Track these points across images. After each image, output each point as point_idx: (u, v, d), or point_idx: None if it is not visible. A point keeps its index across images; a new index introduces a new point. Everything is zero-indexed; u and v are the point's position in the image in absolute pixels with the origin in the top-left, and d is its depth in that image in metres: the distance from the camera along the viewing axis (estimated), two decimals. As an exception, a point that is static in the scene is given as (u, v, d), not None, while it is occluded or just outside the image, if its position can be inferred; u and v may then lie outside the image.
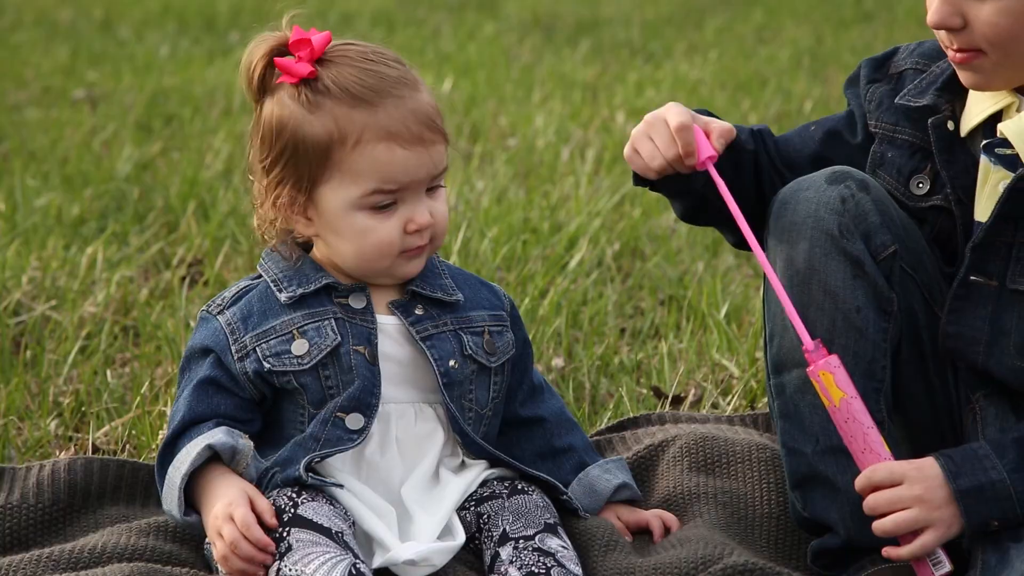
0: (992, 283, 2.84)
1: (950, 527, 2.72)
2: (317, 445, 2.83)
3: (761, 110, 7.42)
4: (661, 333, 4.31)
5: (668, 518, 3.02)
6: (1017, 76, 2.82)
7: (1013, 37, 2.75)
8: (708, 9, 11.78)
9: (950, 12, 2.78)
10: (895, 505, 2.71)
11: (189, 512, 2.82)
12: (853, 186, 2.86)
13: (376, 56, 2.87)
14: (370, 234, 2.86)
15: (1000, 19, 2.74)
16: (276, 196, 2.89)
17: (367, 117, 2.82)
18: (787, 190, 2.91)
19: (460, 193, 5.62)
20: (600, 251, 4.93)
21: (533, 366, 3.12)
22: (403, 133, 2.82)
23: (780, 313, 2.86)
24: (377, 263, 2.88)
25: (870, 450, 2.73)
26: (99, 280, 4.59)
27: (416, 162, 2.83)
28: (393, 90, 2.83)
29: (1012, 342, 2.84)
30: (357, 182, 2.83)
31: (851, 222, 2.84)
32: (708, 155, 2.87)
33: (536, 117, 7.14)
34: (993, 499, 2.71)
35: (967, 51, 2.80)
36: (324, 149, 2.83)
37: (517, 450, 3.05)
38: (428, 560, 2.78)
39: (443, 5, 11.92)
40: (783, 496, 3.03)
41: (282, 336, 2.87)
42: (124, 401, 3.76)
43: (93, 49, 9.37)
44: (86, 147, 6.43)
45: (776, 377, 2.89)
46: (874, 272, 2.84)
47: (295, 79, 2.85)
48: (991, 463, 2.72)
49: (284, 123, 2.86)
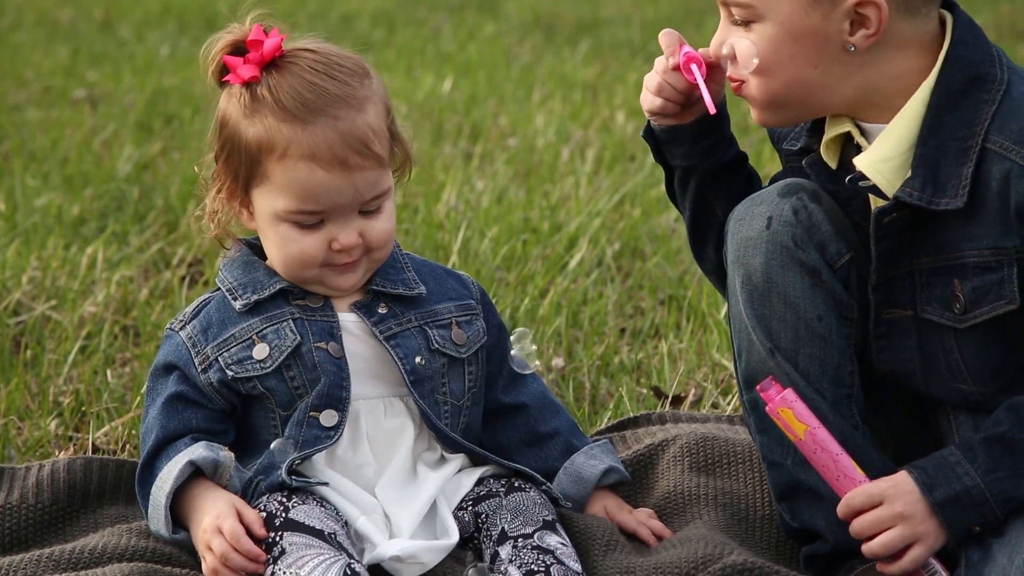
0: (907, 312, 2.83)
1: (937, 538, 2.72)
2: (295, 447, 2.83)
3: (760, 110, 7.40)
4: (661, 333, 4.31)
5: (655, 525, 3.01)
6: (788, 115, 2.85)
7: (763, 71, 2.77)
8: (708, 9, 11.77)
9: (719, 42, 2.83)
10: (879, 526, 2.71)
11: (177, 530, 2.83)
12: (805, 197, 2.87)
13: (327, 68, 2.85)
14: (291, 245, 2.86)
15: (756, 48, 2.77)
16: (220, 186, 2.90)
17: (294, 133, 2.81)
18: (741, 206, 2.92)
19: (460, 193, 5.62)
20: (600, 251, 4.93)
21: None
22: (325, 155, 2.80)
23: (744, 328, 2.87)
24: (300, 272, 2.88)
25: (844, 476, 2.74)
26: (99, 280, 4.59)
27: (337, 186, 2.81)
28: (329, 109, 2.81)
29: (942, 366, 2.84)
30: (281, 195, 2.83)
31: (805, 233, 2.84)
32: (687, 52, 2.89)
33: (536, 117, 7.14)
34: (971, 506, 2.70)
35: (737, 82, 2.82)
36: (255, 155, 2.83)
37: (502, 438, 3.06)
38: (415, 557, 2.78)
39: (443, 5, 11.92)
40: (784, 497, 3.03)
41: (242, 343, 2.88)
42: (124, 401, 3.76)
43: (93, 49, 9.37)
44: (86, 147, 6.43)
45: (748, 392, 2.90)
46: (831, 280, 2.84)
47: (239, 81, 2.85)
48: (963, 469, 2.71)
49: (226, 120, 2.88)
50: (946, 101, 2.74)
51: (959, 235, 2.74)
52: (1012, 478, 2.70)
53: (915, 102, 2.76)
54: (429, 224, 5.15)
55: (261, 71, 2.84)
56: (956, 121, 2.73)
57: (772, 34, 2.75)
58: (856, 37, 2.73)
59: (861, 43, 2.74)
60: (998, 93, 2.73)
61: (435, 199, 5.52)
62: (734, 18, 2.79)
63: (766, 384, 2.75)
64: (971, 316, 2.76)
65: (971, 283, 2.75)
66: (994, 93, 2.73)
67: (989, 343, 2.78)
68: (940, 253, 2.77)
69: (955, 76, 2.75)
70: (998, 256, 2.72)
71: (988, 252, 2.73)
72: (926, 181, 2.72)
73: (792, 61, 2.76)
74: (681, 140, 2.99)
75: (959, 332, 2.78)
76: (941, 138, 2.73)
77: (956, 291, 2.76)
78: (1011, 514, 2.71)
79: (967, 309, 2.76)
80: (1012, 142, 2.70)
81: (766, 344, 2.84)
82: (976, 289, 2.75)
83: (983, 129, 2.71)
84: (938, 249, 2.77)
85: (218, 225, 2.94)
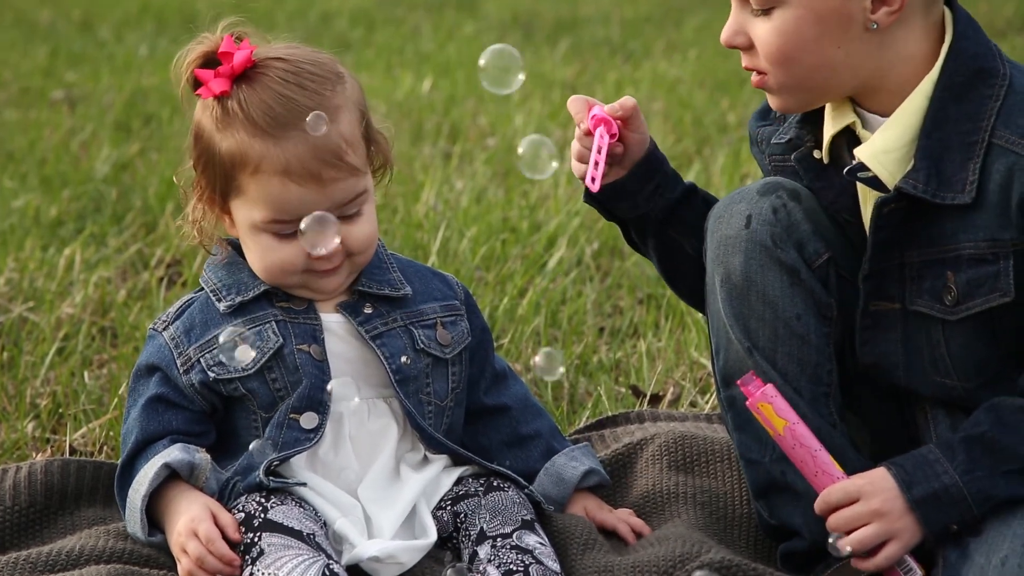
0: (894, 306, 2.84)
1: (912, 535, 2.72)
2: (274, 449, 2.83)
3: (740, 109, 7.44)
4: (640, 332, 4.32)
5: (635, 522, 3.01)
6: (809, 98, 2.83)
7: (787, 56, 2.76)
8: (687, 8, 11.81)
9: (734, 31, 2.79)
10: (855, 522, 2.71)
11: (153, 532, 2.83)
12: (784, 196, 2.87)
13: (298, 78, 2.83)
14: (272, 253, 2.86)
15: (774, 38, 2.75)
16: (200, 195, 2.90)
17: (266, 148, 2.80)
18: (721, 204, 2.92)
19: (440, 193, 5.62)
20: (579, 250, 4.94)
21: (494, 353, 3.12)
22: (298, 170, 2.79)
23: (722, 326, 2.87)
24: (282, 279, 2.88)
25: (823, 472, 2.74)
26: (77, 281, 4.58)
27: (312, 199, 2.80)
28: (300, 122, 2.78)
29: (926, 360, 2.84)
30: (257, 207, 2.83)
31: (784, 232, 2.85)
32: (596, 114, 2.87)
33: (515, 116, 7.15)
34: (949, 504, 2.70)
35: (756, 72, 2.80)
36: (229, 169, 2.83)
37: (484, 439, 3.06)
38: (394, 558, 2.78)
39: (422, 4, 11.93)
40: (762, 495, 3.04)
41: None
42: (102, 403, 3.75)
43: (72, 50, 9.37)
44: (64, 148, 6.42)
45: (726, 390, 2.90)
46: (810, 279, 2.85)
47: (210, 95, 2.85)
48: (942, 467, 2.71)
49: (201, 131, 2.88)
50: (950, 94, 2.75)
51: (956, 227, 2.75)
52: (990, 477, 2.70)
53: (918, 94, 2.77)
54: (408, 224, 5.16)
55: (232, 84, 2.83)
56: (960, 114, 2.74)
57: (796, 17, 2.74)
58: (879, 14, 2.73)
59: (884, 20, 2.74)
60: (1001, 88, 2.74)
61: (414, 199, 5.53)
62: (752, 7, 2.77)
63: (747, 379, 2.75)
64: (963, 308, 2.77)
65: (966, 275, 2.75)
66: (998, 88, 2.75)
67: (977, 336, 2.78)
68: (934, 246, 2.77)
69: (959, 69, 2.76)
70: (995, 248, 2.73)
71: (985, 244, 2.73)
72: (930, 174, 2.73)
73: (817, 44, 2.75)
74: (623, 194, 2.97)
75: (948, 324, 2.79)
76: (945, 131, 2.74)
77: (949, 283, 2.77)
78: (988, 513, 2.71)
79: (959, 301, 2.76)
80: (1018, 136, 2.71)
81: (744, 343, 2.84)
82: (971, 281, 2.75)
83: (989, 125, 2.73)
84: (931, 242, 2.77)
85: (201, 232, 2.93)
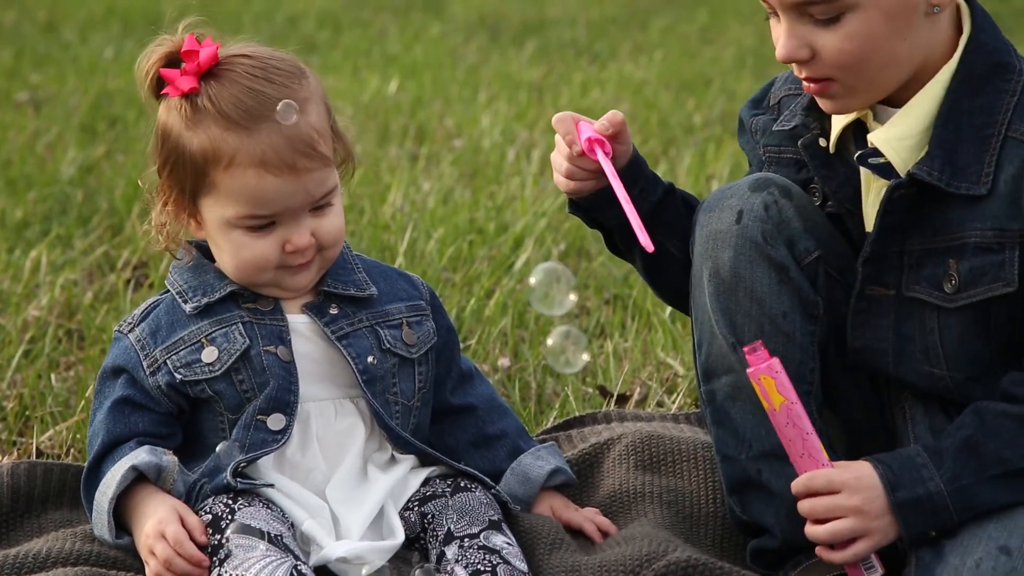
0: (889, 292, 2.85)
1: (886, 535, 2.73)
2: (241, 450, 2.83)
3: (705, 110, 7.46)
4: (607, 332, 4.33)
5: (601, 521, 3.03)
6: (872, 96, 2.82)
7: (860, 60, 2.75)
8: (653, 10, 11.85)
9: (797, 45, 2.77)
10: (832, 513, 2.72)
11: (121, 535, 2.83)
12: (776, 192, 2.88)
13: (265, 72, 2.85)
14: (245, 250, 2.86)
15: (846, 44, 2.74)
16: (165, 200, 2.90)
17: (240, 141, 2.81)
18: (711, 198, 2.92)
19: (406, 194, 5.63)
20: (546, 251, 4.95)
21: (460, 354, 3.13)
22: (273, 161, 2.80)
23: (707, 320, 2.88)
24: (255, 277, 2.89)
25: (808, 455, 2.74)
26: (43, 283, 4.58)
27: (288, 189, 2.82)
28: (271, 114, 2.80)
29: (917, 348, 2.85)
30: (231, 203, 2.83)
31: (775, 229, 2.85)
32: (589, 136, 2.86)
33: (482, 118, 7.16)
34: (931, 512, 2.71)
35: (818, 80, 2.80)
36: (201, 166, 2.83)
37: (451, 439, 3.07)
38: (362, 558, 2.78)
39: (389, 6, 11.94)
40: (727, 494, 3.05)
41: (191, 346, 2.87)
42: (69, 405, 3.75)
43: (37, 51, 9.34)
44: (29, 150, 6.41)
45: (706, 384, 2.91)
46: (799, 277, 2.86)
47: (177, 93, 2.85)
48: (929, 473, 2.72)
49: (168, 132, 2.87)
50: (967, 86, 2.77)
51: (963, 216, 2.76)
52: (975, 484, 2.71)
53: (936, 83, 2.79)
54: (375, 225, 5.16)
55: (199, 81, 2.84)
56: (975, 107, 2.76)
57: (867, 19, 2.73)
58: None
59: (946, 2, 2.76)
60: (1018, 84, 2.77)
61: (381, 200, 5.53)
62: (814, 19, 2.75)
63: (756, 346, 2.73)
64: (964, 296, 2.78)
65: (969, 263, 2.76)
66: (1014, 83, 2.77)
67: (971, 327, 2.79)
68: (938, 234, 2.79)
69: (977, 61, 2.78)
70: (1001, 238, 2.74)
71: (992, 233, 2.75)
72: (944, 163, 2.75)
73: (887, 41, 2.75)
74: (608, 203, 2.94)
75: (944, 312, 2.80)
76: (960, 122, 2.76)
77: (951, 270, 2.78)
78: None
79: (960, 288, 2.77)
80: None
81: (729, 338, 2.85)
82: (973, 269, 2.76)
83: (1006, 119, 2.75)
84: (936, 230, 2.79)
85: (167, 237, 2.93)
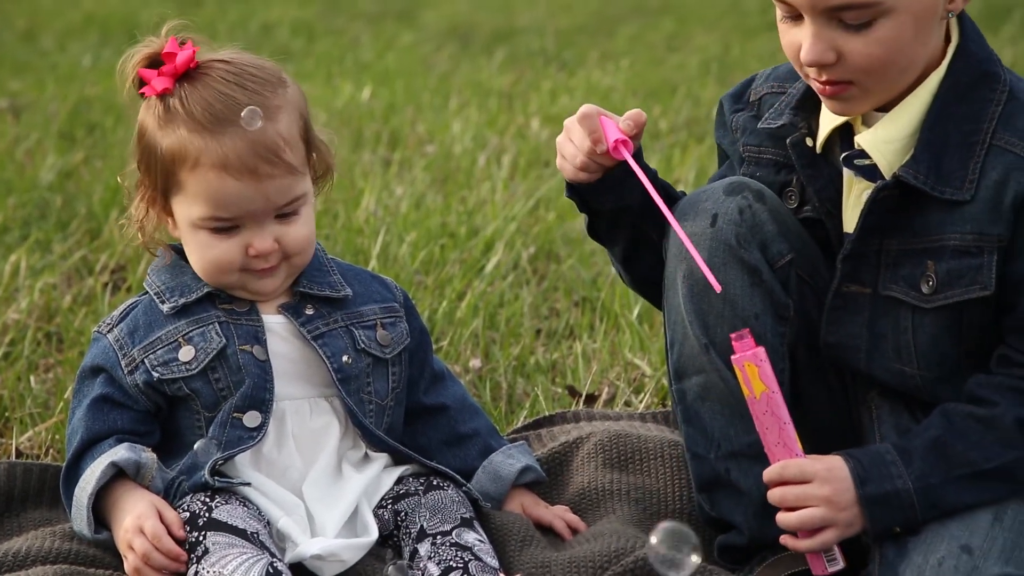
0: (865, 290, 2.88)
1: (851, 526, 2.77)
2: (218, 448, 2.87)
3: (671, 116, 7.46)
4: (575, 333, 4.35)
5: (571, 518, 3.07)
6: (884, 99, 2.85)
7: (886, 64, 2.77)
8: (620, 18, 11.83)
9: (824, 49, 2.77)
10: (803, 501, 2.76)
11: (100, 530, 2.85)
12: (750, 196, 2.90)
13: (239, 78, 2.88)
14: (209, 251, 2.90)
15: (874, 49, 2.75)
16: (142, 195, 2.94)
17: (205, 143, 2.84)
18: (686, 202, 2.95)
19: (379, 199, 5.63)
20: (516, 254, 4.96)
21: (433, 354, 3.16)
22: (235, 164, 2.83)
23: (680, 320, 2.90)
24: (219, 278, 2.92)
25: (783, 445, 2.78)
26: (22, 287, 4.58)
27: (249, 194, 2.85)
28: (239, 119, 2.83)
29: (889, 346, 2.88)
30: (196, 204, 2.87)
31: (748, 232, 2.88)
32: (616, 138, 2.86)
33: (453, 124, 7.15)
34: (898, 508, 2.75)
35: (838, 83, 2.81)
36: (169, 165, 2.87)
37: (423, 438, 3.10)
38: (336, 556, 2.81)
39: (362, 15, 11.92)
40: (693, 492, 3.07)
41: (168, 345, 2.91)
42: (47, 406, 3.77)
43: (16, 59, 9.30)
44: (9, 156, 6.38)
45: (677, 383, 2.94)
46: (771, 280, 2.89)
47: (153, 93, 2.90)
48: (898, 470, 2.76)
49: (143, 131, 2.92)
50: (954, 94, 2.80)
51: (943, 219, 2.79)
52: (942, 485, 2.74)
53: (924, 89, 2.82)
54: (349, 229, 5.16)
55: (175, 83, 2.88)
56: (962, 114, 2.79)
57: (899, 23, 2.74)
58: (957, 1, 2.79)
59: (959, 5, 2.79)
60: (1003, 94, 2.80)
61: (355, 205, 5.52)
62: (844, 24, 2.75)
63: (743, 334, 2.75)
64: (940, 296, 2.80)
65: (947, 264, 2.78)
66: (999, 93, 2.80)
67: (944, 328, 2.82)
68: (917, 236, 2.81)
69: (966, 69, 2.81)
70: (980, 242, 2.76)
71: (971, 237, 2.77)
72: (930, 167, 2.78)
73: (910, 46, 2.76)
74: (609, 188, 2.95)
75: (920, 312, 2.82)
76: (946, 128, 2.79)
77: (929, 271, 2.80)
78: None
79: (937, 289, 2.80)
80: (1018, 139, 2.77)
81: (702, 339, 2.87)
82: (951, 271, 2.78)
83: (991, 128, 2.78)
84: (915, 232, 2.81)
85: (145, 233, 2.96)
